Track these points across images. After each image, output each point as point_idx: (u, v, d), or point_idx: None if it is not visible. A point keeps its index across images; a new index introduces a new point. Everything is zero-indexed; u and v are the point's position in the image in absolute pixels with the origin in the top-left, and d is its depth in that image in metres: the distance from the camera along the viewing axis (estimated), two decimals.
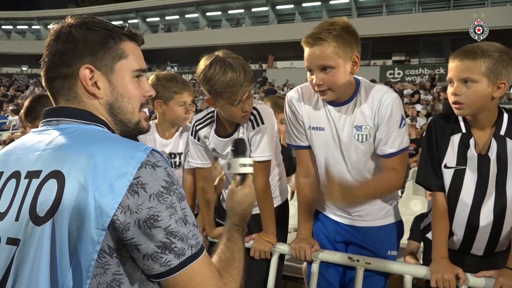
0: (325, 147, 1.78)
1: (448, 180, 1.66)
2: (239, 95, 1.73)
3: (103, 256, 0.80)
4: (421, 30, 19.82)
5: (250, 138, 1.87)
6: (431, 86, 16.18)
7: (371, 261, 1.79)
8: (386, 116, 1.64)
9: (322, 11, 24.87)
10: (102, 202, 0.78)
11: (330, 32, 1.56)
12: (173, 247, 0.82)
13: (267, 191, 1.92)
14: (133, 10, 29.37)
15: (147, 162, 0.82)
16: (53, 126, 0.93)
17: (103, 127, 0.95)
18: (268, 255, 1.98)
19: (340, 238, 1.94)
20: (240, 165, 1.25)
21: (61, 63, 0.93)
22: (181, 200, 0.86)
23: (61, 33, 0.94)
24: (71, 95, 0.95)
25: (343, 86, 1.63)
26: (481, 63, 1.47)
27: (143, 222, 0.80)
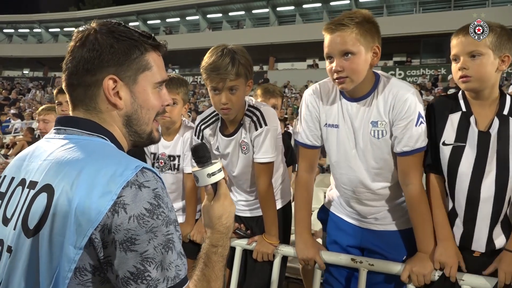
0: (338, 144, 1.74)
1: (446, 157, 1.64)
2: (215, 82, 1.72)
3: (85, 274, 0.78)
4: (422, 30, 19.82)
5: (253, 140, 1.86)
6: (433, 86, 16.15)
7: (374, 263, 1.78)
8: (402, 112, 1.59)
9: (322, 12, 24.89)
10: (82, 219, 0.76)
11: (352, 19, 1.55)
12: (146, 276, 0.77)
13: (269, 193, 1.91)
14: (134, 12, 29.42)
15: (134, 182, 0.80)
16: (60, 134, 0.93)
17: (107, 140, 0.93)
18: (270, 257, 1.97)
19: (354, 242, 1.89)
20: (208, 176, 1.07)
21: (86, 71, 0.92)
22: (168, 225, 0.81)
23: (87, 39, 0.93)
24: (91, 105, 0.94)
25: (362, 76, 1.59)
26: (486, 36, 1.50)
27: (119, 243, 0.77)
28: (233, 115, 1.84)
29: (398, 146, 1.64)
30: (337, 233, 1.93)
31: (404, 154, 1.63)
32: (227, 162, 2.02)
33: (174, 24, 29.66)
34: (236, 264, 2.05)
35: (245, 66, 1.75)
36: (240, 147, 1.92)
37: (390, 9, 23.74)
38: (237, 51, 1.76)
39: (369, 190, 1.77)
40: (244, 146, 1.91)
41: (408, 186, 1.67)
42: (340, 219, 1.94)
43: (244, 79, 1.77)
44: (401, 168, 1.68)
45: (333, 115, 1.74)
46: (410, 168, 1.65)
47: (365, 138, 1.68)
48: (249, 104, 1.91)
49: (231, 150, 1.96)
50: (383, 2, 23.42)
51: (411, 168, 1.65)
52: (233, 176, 2.06)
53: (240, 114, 1.89)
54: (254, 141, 1.86)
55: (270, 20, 26.38)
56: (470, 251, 1.67)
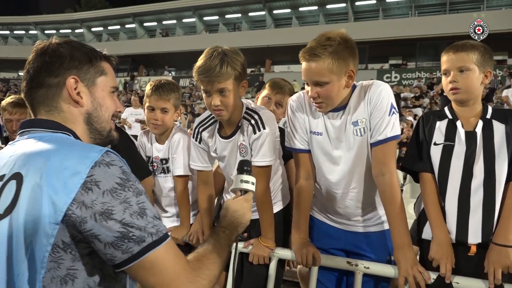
0: (321, 152, 1.81)
1: (437, 156, 1.76)
2: (205, 84, 1.74)
3: (57, 251, 0.86)
4: (417, 34, 19.94)
5: (251, 143, 1.87)
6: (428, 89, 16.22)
7: (370, 266, 1.79)
8: (377, 103, 1.67)
9: (319, 15, 24.99)
10: (56, 198, 0.84)
11: (325, 49, 1.58)
12: (131, 236, 0.87)
13: (266, 196, 1.91)
14: (131, 14, 29.38)
15: (101, 161, 0.89)
16: (24, 136, 1.01)
17: (70, 135, 1.02)
18: (267, 260, 1.97)
19: (338, 245, 1.92)
20: (241, 181, 1.33)
21: (48, 74, 1.02)
22: (138, 195, 0.91)
23: (48, 48, 1.04)
24: (53, 105, 1.04)
25: (338, 99, 1.69)
26: (472, 54, 1.71)
27: (99, 215, 0.85)
28: (227, 116, 1.84)
29: (374, 136, 1.69)
30: (321, 237, 1.96)
31: (379, 143, 1.69)
32: (225, 164, 2.02)
33: (171, 26, 29.65)
34: (232, 266, 2.04)
35: (235, 68, 1.73)
36: (239, 149, 1.92)
37: (386, 12, 23.85)
38: (228, 53, 1.74)
39: (353, 191, 1.82)
40: (243, 149, 1.91)
41: (384, 176, 1.69)
42: (322, 223, 1.97)
43: (235, 80, 1.76)
44: (376, 158, 1.72)
45: (317, 123, 1.80)
46: (385, 157, 1.69)
47: (349, 141, 1.74)
48: (247, 107, 1.91)
49: (228, 152, 1.96)
50: (379, 6, 23.53)
51: (385, 157, 1.69)
52: (231, 179, 2.05)
53: (236, 116, 1.89)
54: (252, 144, 1.87)
55: (266, 22, 26.44)
56: (467, 248, 1.70)
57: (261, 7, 26.06)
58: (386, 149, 1.69)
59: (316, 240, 1.95)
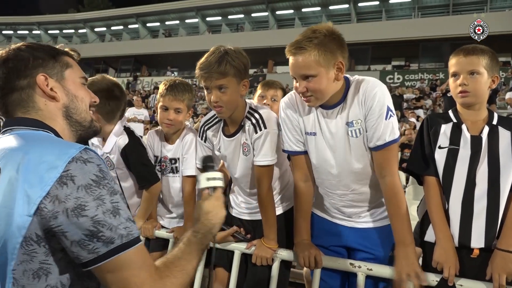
0: (317, 151, 1.79)
1: (442, 159, 1.75)
2: (203, 80, 1.77)
3: (30, 244, 0.86)
4: (420, 35, 19.89)
5: (253, 142, 1.87)
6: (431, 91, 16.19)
7: (373, 267, 1.78)
8: (372, 107, 1.63)
9: (321, 16, 24.97)
10: (30, 191, 0.85)
11: (311, 41, 1.57)
12: (101, 235, 0.87)
13: (269, 196, 1.91)
14: (134, 15, 29.46)
15: (79, 158, 0.89)
16: (5, 134, 1.02)
17: (50, 133, 1.04)
18: (270, 261, 1.97)
19: (338, 242, 1.92)
20: (208, 179, 1.26)
21: (16, 77, 1.04)
22: (113, 194, 0.91)
23: (9, 55, 1.05)
24: (30, 105, 1.05)
25: (328, 93, 1.65)
26: (482, 58, 1.70)
27: (71, 211, 0.85)
28: (227, 114, 1.85)
29: (372, 141, 1.68)
30: (321, 234, 1.95)
31: (379, 148, 1.68)
32: (228, 163, 2.03)
33: (174, 26, 29.70)
34: (234, 267, 2.05)
35: (234, 66, 1.75)
36: (242, 148, 1.93)
37: (389, 13, 23.83)
38: (230, 51, 1.77)
39: (353, 191, 1.81)
40: (245, 148, 1.92)
41: (384, 178, 1.70)
42: (323, 219, 1.97)
43: (234, 78, 1.77)
44: (376, 162, 1.72)
45: (310, 123, 1.78)
46: (385, 161, 1.69)
47: (344, 141, 1.72)
48: (250, 107, 1.91)
49: (231, 151, 1.96)
50: (382, 7, 23.51)
51: (386, 161, 1.69)
52: (235, 178, 2.07)
53: (239, 115, 1.89)
54: (254, 143, 1.87)
55: (269, 23, 26.45)
56: (469, 250, 1.70)
57: (264, 8, 26.08)
58: (386, 153, 1.68)
59: (316, 237, 1.94)
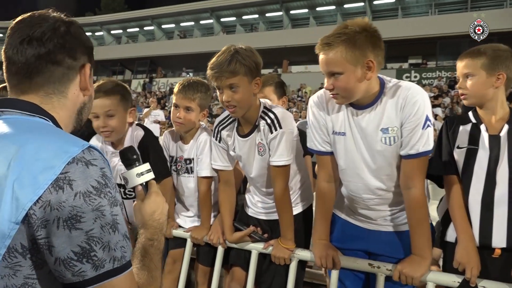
0: (345, 152, 1.74)
1: (461, 159, 1.75)
2: (214, 79, 1.78)
3: (14, 256, 0.73)
4: (437, 32, 19.57)
5: (269, 142, 1.86)
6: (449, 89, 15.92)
7: (392, 268, 1.75)
8: (410, 114, 1.57)
9: (336, 15, 24.80)
10: (20, 193, 0.72)
11: (339, 37, 1.54)
12: (92, 255, 0.74)
13: (285, 196, 1.90)
14: (149, 17, 29.76)
15: (80, 159, 0.76)
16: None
17: (48, 121, 0.90)
18: (287, 261, 1.96)
19: (359, 246, 1.88)
20: (137, 175, 1.09)
21: (68, 52, 0.92)
22: (113, 206, 0.79)
23: (71, 28, 0.94)
24: (59, 88, 0.93)
25: (355, 92, 1.60)
26: (477, 60, 1.73)
27: (63, 221, 0.72)
28: (241, 113, 1.85)
29: (404, 149, 1.63)
30: (342, 237, 1.92)
31: (410, 157, 1.62)
32: (244, 163, 2.02)
33: (188, 28, 29.89)
34: (252, 267, 2.05)
35: (245, 65, 1.75)
36: (257, 148, 1.92)
37: (405, 11, 23.53)
38: (240, 50, 1.77)
39: (378, 196, 1.76)
40: (261, 148, 1.90)
41: (410, 190, 1.65)
42: (344, 222, 1.94)
43: (245, 77, 1.77)
44: (405, 171, 1.66)
45: (340, 122, 1.73)
46: (414, 171, 1.64)
47: (375, 145, 1.66)
48: (264, 106, 1.90)
49: (246, 151, 1.96)
50: (398, 4, 23.23)
51: (415, 172, 1.64)
52: (251, 177, 2.06)
53: (253, 114, 1.88)
54: (270, 144, 1.86)
55: (283, 23, 26.39)
56: (491, 251, 1.68)
57: (278, 8, 26.03)
58: (416, 164, 1.62)
59: (337, 240, 1.91)
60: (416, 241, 1.68)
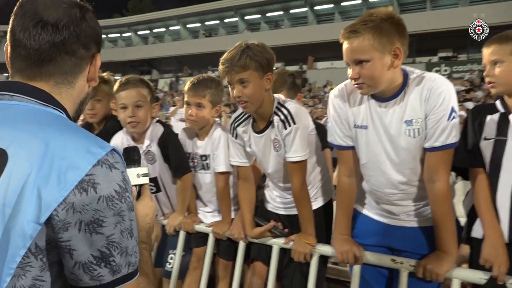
0: (367, 146, 1.70)
1: (488, 152, 1.68)
2: (224, 74, 1.80)
3: (27, 256, 0.71)
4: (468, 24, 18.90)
5: (284, 138, 1.85)
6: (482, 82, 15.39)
7: (416, 264, 1.71)
8: (435, 106, 1.53)
9: (362, 9, 24.34)
10: (44, 193, 0.69)
11: (366, 24, 1.51)
12: (111, 261, 0.75)
13: (303, 192, 1.89)
14: (175, 17, 30.16)
15: (105, 161, 0.75)
16: (4, 100, 0.82)
17: (62, 113, 0.87)
18: (308, 257, 1.94)
19: (382, 242, 1.84)
20: (136, 176, 1.09)
21: (81, 44, 0.89)
22: (131, 210, 0.79)
23: (86, 15, 0.90)
24: (68, 79, 0.90)
25: (381, 81, 1.56)
26: (505, 46, 1.66)
27: (86, 224, 0.72)
28: (252, 109, 1.85)
29: (429, 141, 1.58)
30: (364, 233, 1.88)
31: (434, 149, 1.58)
32: (260, 159, 2.02)
33: (213, 26, 30.10)
34: (273, 263, 2.04)
35: (255, 60, 1.75)
36: (273, 144, 1.91)
37: (434, 3, 22.87)
38: (252, 46, 1.78)
39: (401, 191, 1.72)
40: (276, 144, 1.90)
41: (434, 183, 1.61)
42: (366, 217, 1.90)
43: (256, 72, 1.77)
44: (429, 164, 1.62)
45: (361, 115, 1.70)
46: (439, 164, 1.59)
47: (399, 138, 1.62)
48: (278, 102, 1.89)
49: (262, 147, 1.95)
50: None
51: (439, 165, 1.60)
52: (268, 173, 2.06)
53: (267, 110, 1.88)
54: (285, 140, 1.85)
55: (308, 19, 26.18)
56: None
57: (302, 4, 25.84)
58: (440, 156, 1.58)
59: (358, 236, 1.88)
60: (440, 236, 1.63)
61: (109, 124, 2.42)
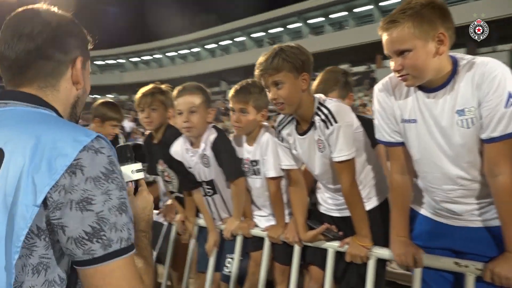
0: (418, 141, 1.60)
1: None
2: (259, 78, 1.82)
3: (31, 237, 0.80)
4: None
5: (327, 139, 1.80)
6: None
7: (483, 267, 1.56)
8: (489, 92, 1.40)
9: None
10: (38, 179, 0.78)
11: (404, 12, 1.44)
12: (101, 235, 0.80)
13: (354, 192, 1.82)
14: (238, 28, 31.02)
15: (90, 147, 0.83)
16: (1, 108, 0.92)
17: (52, 112, 0.95)
18: (364, 260, 1.87)
19: (444, 244, 1.71)
20: (132, 172, 1.14)
21: (57, 47, 0.95)
22: (122, 189, 0.85)
23: (61, 22, 0.97)
24: (51, 82, 0.97)
25: (428, 69, 1.46)
26: None
27: (76, 203, 0.79)
28: (289, 110, 1.84)
29: (486, 131, 1.44)
30: (423, 235, 1.75)
31: (492, 140, 1.43)
32: (306, 161, 1.99)
33: (277, 34, 30.40)
34: (329, 267, 1.99)
35: (288, 60, 1.75)
36: (317, 145, 1.87)
37: None
38: (285, 48, 1.79)
39: (461, 187, 1.58)
40: (320, 144, 1.86)
41: (497, 178, 1.46)
42: (425, 218, 1.77)
43: (290, 73, 1.76)
44: (488, 156, 1.47)
45: (409, 109, 1.60)
46: (499, 156, 1.44)
47: (451, 130, 1.50)
48: (319, 102, 1.85)
49: (307, 149, 1.92)
50: None
51: (500, 157, 1.44)
52: (316, 175, 2.02)
53: (308, 111, 1.85)
54: (328, 140, 1.80)
55: (374, 16, 25.34)
56: None
57: (367, 1, 25.13)
58: (500, 148, 1.44)
59: (418, 238, 1.76)
60: (508, 236, 1.48)
61: (168, 132, 2.56)
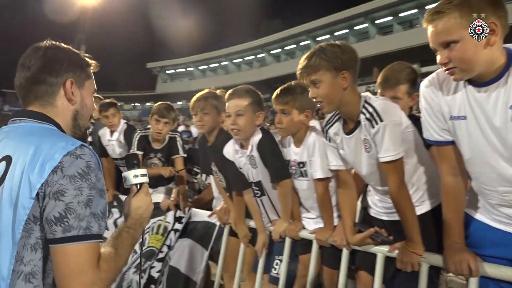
0: (469, 139, 1.49)
1: None
2: (300, 77, 1.83)
3: (28, 223, 1.04)
4: None
5: (373, 138, 1.73)
6: None
7: None
8: None
9: None
10: (32, 178, 1.04)
11: (450, 2, 1.35)
12: (65, 221, 1.02)
13: (402, 194, 1.73)
14: (304, 32, 30.91)
15: (73, 153, 1.07)
16: (16, 123, 1.21)
17: (53, 126, 1.21)
18: (416, 267, 1.76)
19: (504, 253, 1.56)
20: (134, 177, 1.33)
21: (49, 73, 1.21)
22: (92, 189, 1.06)
23: (48, 52, 1.22)
24: (49, 101, 1.23)
25: (478, 61, 1.36)
26: None
27: (53, 194, 1.03)
28: (329, 108, 1.83)
29: None
30: (480, 243, 1.61)
31: None
32: (353, 161, 1.92)
33: (343, 36, 29.74)
34: (378, 272, 1.90)
35: (326, 59, 1.73)
36: (363, 144, 1.80)
37: None
38: (326, 47, 1.78)
39: None
40: (366, 144, 1.79)
41: None
42: (482, 224, 1.62)
43: (328, 72, 1.74)
44: None
45: (458, 105, 1.49)
46: None
47: (505, 127, 1.38)
48: (365, 100, 1.79)
49: (353, 148, 1.86)
50: None
51: None
52: (363, 176, 1.95)
53: (354, 110, 1.79)
54: (374, 139, 1.73)
55: None
56: None
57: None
58: None
59: (474, 246, 1.63)
60: None
61: (219, 137, 2.62)
